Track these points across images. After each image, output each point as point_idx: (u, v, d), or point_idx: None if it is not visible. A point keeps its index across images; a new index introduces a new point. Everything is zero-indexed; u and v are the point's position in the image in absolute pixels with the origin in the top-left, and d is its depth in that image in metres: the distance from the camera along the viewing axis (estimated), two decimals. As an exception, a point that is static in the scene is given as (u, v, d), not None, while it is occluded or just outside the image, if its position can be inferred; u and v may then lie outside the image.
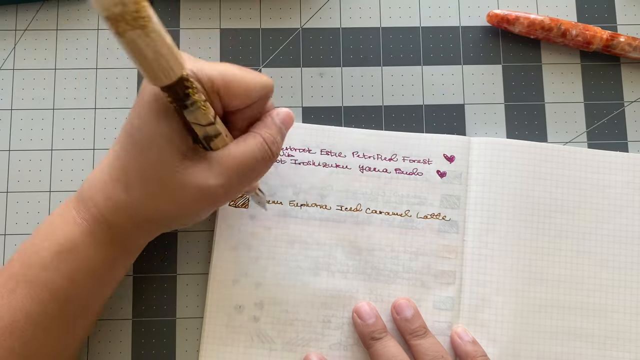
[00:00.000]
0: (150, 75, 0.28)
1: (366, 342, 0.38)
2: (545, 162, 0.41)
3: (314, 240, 0.40)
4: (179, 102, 0.30)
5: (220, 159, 0.32)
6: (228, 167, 0.32)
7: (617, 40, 0.42)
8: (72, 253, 0.33)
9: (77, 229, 0.33)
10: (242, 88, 0.32)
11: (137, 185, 0.32)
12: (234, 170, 0.32)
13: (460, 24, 0.44)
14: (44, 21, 0.43)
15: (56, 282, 0.33)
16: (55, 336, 0.34)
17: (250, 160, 0.33)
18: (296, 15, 0.44)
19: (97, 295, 0.35)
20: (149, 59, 0.27)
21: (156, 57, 0.27)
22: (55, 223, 0.34)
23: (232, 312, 0.39)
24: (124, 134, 0.33)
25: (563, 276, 0.40)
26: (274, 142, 0.34)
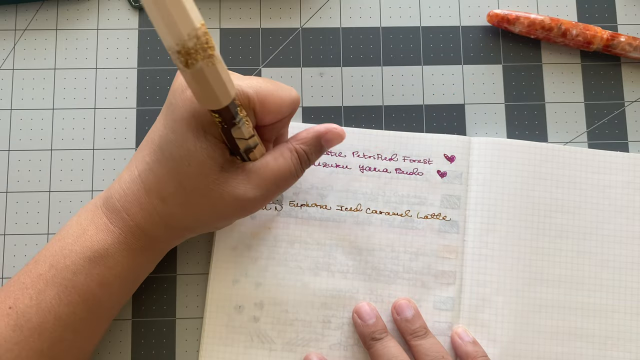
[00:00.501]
0: (212, 100, 0.28)
1: (366, 342, 0.38)
2: (546, 162, 0.41)
3: (314, 240, 0.40)
4: (229, 120, 0.31)
5: (258, 170, 0.34)
6: (266, 178, 0.34)
7: (618, 40, 0.42)
8: (105, 259, 0.33)
9: (110, 236, 0.34)
10: (276, 105, 0.33)
11: (174, 196, 0.33)
12: (272, 182, 0.34)
13: (461, 23, 0.44)
14: (44, 21, 0.43)
15: (87, 286, 0.33)
16: (82, 338, 0.34)
17: (286, 174, 0.34)
18: (296, 15, 0.44)
19: (123, 298, 0.36)
20: (212, 86, 0.27)
21: (218, 83, 0.28)
22: (87, 228, 0.34)
23: (232, 312, 0.39)
24: (155, 147, 0.33)
25: (563, 276, 0.40)
26: (306, 159, 0.35)
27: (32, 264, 0.34)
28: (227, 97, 0.29)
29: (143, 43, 0.43)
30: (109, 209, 0.34)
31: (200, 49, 0.26)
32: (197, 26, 0.25)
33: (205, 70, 0.27)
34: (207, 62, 0.26)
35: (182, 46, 0.25)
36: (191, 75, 0.27)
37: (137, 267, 0.35)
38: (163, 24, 0.25)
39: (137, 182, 0.34)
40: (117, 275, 0.34)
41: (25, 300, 0.33)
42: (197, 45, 0.25)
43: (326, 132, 0.35)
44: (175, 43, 0.25)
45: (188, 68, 0.26)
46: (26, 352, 0.32)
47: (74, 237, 0.34)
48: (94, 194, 0.41)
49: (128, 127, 0.42)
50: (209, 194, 0.33)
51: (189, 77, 0.27)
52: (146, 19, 0.44)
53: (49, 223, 0.41)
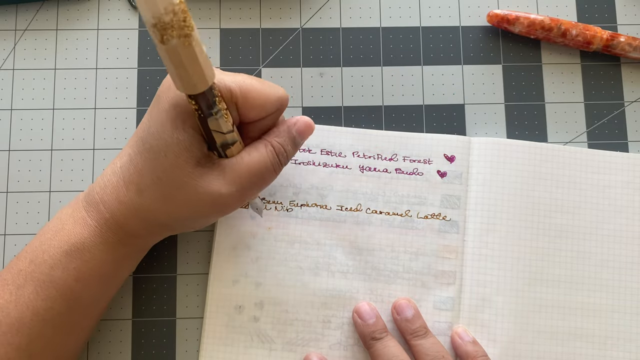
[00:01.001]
0: (186, 83, 0.28)
1: (366, 342, 0.38)
2: (546, 162, 0.41)
3: (314, 240, 0.40)
4: (206, 109, 0.30)
5: (233, 166, 0.33)
6: (241, 175, 0.33)
7: (617, 40, 0.42)
8: (81, 253, 0.33)
9: (87, 229, 0.34)
10: (259, 101, 0.33)
11: (151, 189, 0.33)
12: (246, 179, 0.33)
13: (460, 24, 0.44)
14: (44, 21, 0.43)
15: (64, 281, 0.33)
16: (61, 334, 0.34)
17: (262, 169, 0.34)
18: (296, 15, 0.44)
19: (103, 294, 0.36)
20: (187, 67, 0.27)
21: (194, 65, 0.27)
22: (66, 223, 0.34)
23: (232, 312, 0.39)
24: (138, 139, 0.33)
25: (563, 276, 0.40)
26: (283, 152, 0.35)
27: (14, 260, 0.34)
28: (204, 82, 0.29)
29: (143, 43, 0.43)
30: (88, 202, 0.34)
31: (177, 26, 0.26)
32: (175, 2, 0.25)
33: (179, 49, 0.26)
34: (183, 40, 0.26)
35: (158, 19, 0.25)
36: (166, 51, 0.27)
37: (114, 263, 0.34)
38: None
39: (117, 174, 0.34)
40: (94, 269, 0.34)
41: (5, 295, 0.33)
42: (174, 21, 0.25)
43: (295, 122, 0.35)
44: (152, 16, 0.25)
45: (163, 44, 0.26)
46: (4, 348, 0.32)
47: (53, 231, 0.34)
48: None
49: (128, 127, 0.42)
50: (184, 187, 0.32)
51: (164, 54, 0.27)
52: (146, 19, 0.44)
53: (49, 223, 0.41)
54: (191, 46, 0.27)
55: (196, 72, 0.28)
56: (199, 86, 0.29)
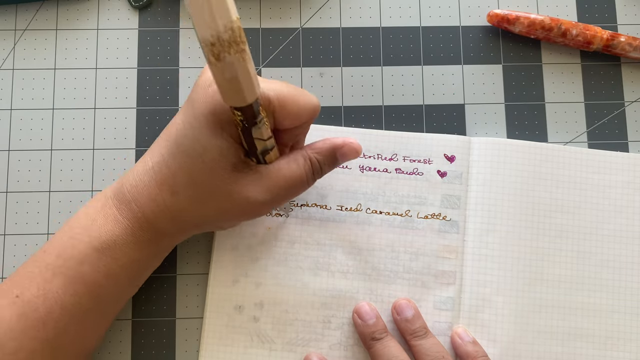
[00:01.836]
0: (237, 96, 0.28)
1: (367, 342, 0.38)
2: (546, 162, 0.41)
3: (314, 240, 0.40)
4: (251, 119, 0.31)
5: (270, 174, 0.34)
6: (277, 184, 0.34)
7: (618, 40, 0.42)
8: (112, 250, 0.33)
9: (118, 227, 0.34)
10: (295, 109, 0.33)
11: (185, 190, 0.33)
12: (282, 187, 0.34)
13: (461, 24, 0.44)
14: (44, 21, 0.43)
15: (93, 277, 0.33)
16: (85, 329, 0.34)
17: (297, 181, 0.34)
18: (296, 15, 0.44)
19: (128, 291, 0.36)
20: (240, 82, 0.27)
21: (246, 79, 0.28)
22: (95, 219, 0.34)
23: (232, 312, 0.39)
24: (171, 141, 0.33)
25: (563, 276, 0.40)
26: (319, 170, 0.35)
27: (40, 254, 0.34)
28: (253, 94, 0.29)
29: (143, 43, 0.43)
30: (119, 200, 0.34)
31: (234, 42, 0.26)
32: (234, 19, 0.25)
33: (235, 65, 0.27)
34: (238, 56, 0.26)
35: (217, 38, 0.25)
36: (221, 68, 0.27)
37: (143, 260, 0.35)
38: (201, 13, 0.24)
39: (149, 174, 0.34)
40: (123, 267, 0.34)
41: (32, 289, 0.33)
42: (231, 38, 0.26)
43: (342, 146, 0.35)
44: (211, 34, 0.25)
45: (219, 61, 0.26)
46: (30, 342, 0.32)
47: (82, 227, 0.34)
48: (94, 194, 0.41)
49: (128, 127, 0.42)
50: (219, 191, 0.33)
51: (218, 71, 0.27)
52: (146, 19, 0.44)
53: (49, 223, 0.41)
54: (245, 61, 0.27)
55: (247, 86, 0.28)
56: (248, 99, 0.29)
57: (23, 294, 0.33)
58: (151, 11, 0.44)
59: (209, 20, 0.25)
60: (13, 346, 0.32)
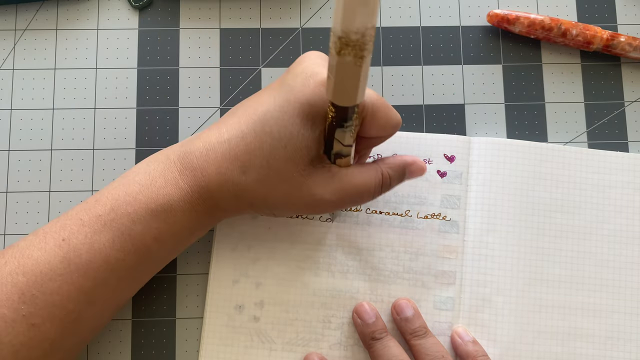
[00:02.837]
0: (340, 94, 0.29)
1: (366, 342, 0.38)
2: (546, 162, 0.41)
3: (314, 240, 0.40)
4: (341, 121, 0.31)
5: (342, 177, 0.34)
6: (346, 189, 0.34)
7: (618, 40, 0.42)
8: (166, 214, 0.33)
9: (178, 192, 0.33)
10: (383, 121, 0.34)
11: (256, 171, 0.33)
12: (349, 194, 0.34)
13: (460, 24, 0.44)
14: (44, 21, 0.43)
15: (143, 238, 0.33)
16: (122, 286, 0.34)
17: (364, 191, 0.35)
18: (296, 15, 0.44)
19: (169, 258, 0.36)
20: (348, 83, 0.28)
21: (355, 83, 0.28)
22: (155, 179, 0.34)
23: (232, 312, 0.39)
24: (256, 119, 0.33)
25: (563, 276, 0.40)
26: (388, 184, 0.36)
27: (92, 202, 0.34)
28: (353, 100, 0.29)
29: (143, 43, 0.43)
30: (184, 165, 0.34)
31: (358, 47, 0.26)
32: (369, 26, 0.25)
33: (349, 67, 0.27)
34: (356, 60, 0.27)
35: (346, 35, 0.25)
36: (337, 64, 0.27)
37: (192, 229, 0.35)
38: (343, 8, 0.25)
39: (223, 146, 0.33)
40: (174, 233, 0.34)
41: (79, 236, 0.33)
42: (358, 42, 0.26)
43: (412, 163, 0.36)
44: (342, 29, 0.25)
45: (338, 56, 0.27)
46: (68, 287, 0.32)
47: (140, 185, 0.34)
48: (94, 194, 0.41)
49: (128, 127, 0.42)
50: (291, 180, 0.33)
51: (334, 65, 0.27)
52: (146, 19, 0.44)
53: (49, 223, 0.41)
54: (360, 67, 0.27)
55: (353, 90, 0.28)
56: (349, 102, 0.29)
57: (70, 239, 0.33)
58: (151, 11, 0.44)
59: (349, 15, 0.25)
60: (51, 287, 0.32)
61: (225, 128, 0.34)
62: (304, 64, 0.34)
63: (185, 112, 0.42)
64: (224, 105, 0.43)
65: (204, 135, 0.35)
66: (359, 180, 0.34)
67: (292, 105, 0.32)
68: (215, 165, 0.33)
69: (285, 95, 0.33)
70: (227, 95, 0.43)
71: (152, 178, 0.34)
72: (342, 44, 0.26)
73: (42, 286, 0.32)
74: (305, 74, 0.33)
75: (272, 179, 0.33)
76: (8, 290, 0.31)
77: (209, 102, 0.43)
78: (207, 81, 0.43)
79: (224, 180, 0.33)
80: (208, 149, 0.34)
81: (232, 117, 0.35)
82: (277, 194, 0.34)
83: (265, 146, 0.33)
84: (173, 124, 0.42)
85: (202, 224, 0.35)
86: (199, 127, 0.42)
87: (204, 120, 0.42)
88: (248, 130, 0.33)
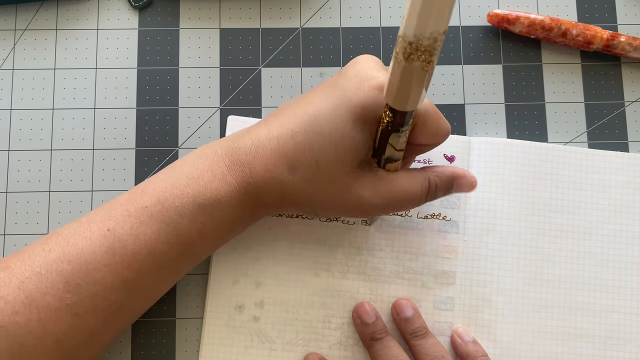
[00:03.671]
0: (401, 99, 0.29)
1: (366, 342, 0.38)
2: (545, 162, 0.41)
3: (314, 240, 0.40)
4: (397, 125, 0.31)
5: (390, 182, 0.34)
6: (393, 193, 0.34)
7: (618, 40, 0.42)
8: (213, 208, 0.33)
9: (225, 187, 0.33)
10: (434, 129, 0.34)
11: (304, 170, 0.33)
12: (395, 199, 0.34)
13: (460, 24, 0.44)
14: (44, 21, 0.43)
15: (188, 232, 0.33)
16: (163, 278, 0.34)
17: (410, 198, 0.34)
18: (296, 15, 0.44)
19: (209, 252, 0.36)
20: (412, 88, 0.28)
21: (418, 88, 0.28)
22: (203, 173, 0.34)
23: (232, 312, 0.39)
24: (306, 118, 0.33)
25: (563, 276, 0.40)
26: (434, 194, 0.35)
27: (137, 193, 0.34)
28: (415, 104, 0.29)
29: (143, 43, 0.43)
30: (231, 160, 0.34)
31: (428, 52, 0.26)
32: (442, 31, 0.25)
33: (416, 72, 0.27)
34: (424, 65, 0.26)
35: (417, 40, 0.25)
36: (403, 68, 0.27)
37: (236, 224, 0.35)
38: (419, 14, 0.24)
39: (272, 143, 0.33)
40: (219, 227, 0.34)
41: (125, 227, 0.33)
42: (430, 47, 0.26)
43: (463, 177, 0.36)
44: (414, 34, 0.25)
45: (405, 61, 0.26)
46: (112, 277, 0.32)
47: (188, 178, 0.34)
48: (94, 194, 0.41)
49: (128, 127, 0.42)
50: (339, 182, 0.33)
51: (398, 69, 0.27)
52: (146, 19, 0.44)
53: (49, 223, 0.41)
54: (427, 72, 0.27)
55: (415, 95, 0.28)
56: (409, 106, 0.29)
57: (115, 229, 0.32)
58: (151, 11, 0.44)
59: (423, 21, 0.25)
60: (95, 277, 0.32)
61: (274, 126, 0.34)
62: (358, 66, 0.34)
63: (185, 112, 0.42)
64: (224, 105, 0.43)
65: (252, 132, 0.35)
66: (406, 186, 0.34)
67: (345, 107, 0.32)
68: (263, 162, 0.33)
69: (338, 96, 0.33)
70: (227, 95, 0.43)
71: (200, 172, 0.34)
72: (412, 49, 0.26)
73: (86, 276, 0.31)
74: (360, 77, 0.33)
75: (319, 179, 0.33)
76: (53, 279, 0.31)
77: (209, 102, 0.43)
78: (207, 81, 0.43)
79: (270, 177, 0.33)
80: (257, 145, 0.34)
81: (281, 116, 0.34)
82: (323, 195, 0.34)
83: (315, 146, 0.33)
84: (173, 124, 0.42)
85: (245, 220, 0.35)
86: (199, 127, 0.42)
87: (204, 120, 0.42)
88: (298, 129, 0.33)
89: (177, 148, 0.42)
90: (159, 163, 0.42)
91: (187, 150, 0.42)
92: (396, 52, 0.27)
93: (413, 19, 0.25)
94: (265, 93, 0.43)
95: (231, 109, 0.43)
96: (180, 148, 0.42)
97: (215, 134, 0.42)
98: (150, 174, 0.41)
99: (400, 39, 0.26)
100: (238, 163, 0.34)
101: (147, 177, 0.41)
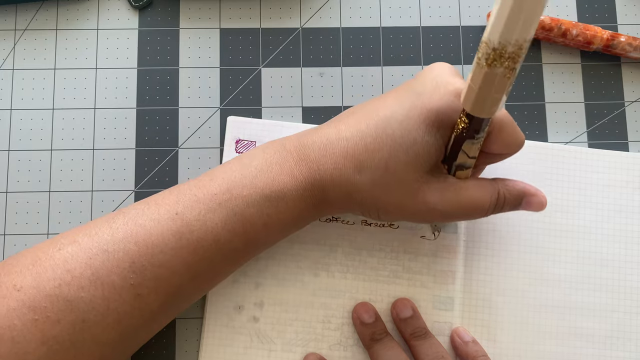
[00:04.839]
0: (480, 105, 0.29)
1: (366, 342, 0.38)
2: (546, 162, 0.41)
3: (313, 240, 0.40)
4: (473, 132, 0.31)
5: (458, 190, 0.34)
6: (460, 201, 0.34)
7: (618, 40, 0.42)
8: (279, 201, 0.33)
9: (292, 181, 0.34)
10: (508, 139, 0.33)
11: (372, 171, 0.33)
12: (462, 208, 0.34)
13: (461, 24, 0.44)
14: (44, 21, 0.43)
15: (254, 222, 0.33)
16: (223, 265, 0.34)
17: (477, 207, 0.34)
18: (296, 15, 0.44)
19: (268, 246, 0.36)
20: (492, 94, 0.28)
21: (498, 95, 0.28)
22: (272, 165, 0.34)
23: (232, 312, 0.39)
24: (377, 120, 0.33)
25: (563, 276, 0.40)
26: (501, 207, 0.35)
27: (206, 180, 0.34)
28: (492, 111, 0.29)
29: (143, 43, 0.43)
30: (300, 156, 0.34)
31: (512, 59, 0.26)
32: (527, 39, 0.25)
33: (499, 79, 0.27)
34: (506, 72, 0.26)
35: (502, 47, 0.25)
36: (485, 74, 0.27)
37: (298, 220, 0.35)
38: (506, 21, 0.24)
39: (341, 142, 0.34)
40: (282, 220, 0.34)
41: (193, 212, 0.33)
42: (514, 54, 0.25)
43: (534, 195, 0.35)
44: (499, 41, 0.25)
45: (488, 67, 0.26)
46: (176, 260, 0.32)
47: (257, 170, 0.34)
48: (94, 194, 0.41)
49: (128, 127, 0.42)
50: (407, 186, 0.33)
51: (480, 75, 0.27)
52: (146, 19, 0.44)
53: (49, 223, 0.41)
54: (509, 79, 0.27)
55: (495, 101, 0.28)
56: (487, 113, 0.29)
57: (183, 213, 0.33)
58: (151, 11, 0.44)
59: (510, 28, 0.24)
60: (161, 259, 0.32)
61: (344, 126, 0.34)
62: (435, 72, 0.34)
63: (185, 112, 0.42)
64: (224, 105, 0.43)
65: (322, 131, 0.35)
66: (475, 195, 0.34)
67: (419, 111, 0.32)
68: (331, 160, 0.33)
69: (412, 100, 0.33)
70: (227, 95, 0.43)
71: (268, 164, 0.34)
72: (495, 55, 0.26)
73: (152, 257, 0.32)
74: (436, 82, 0.33)
75: (387, 181, 0.33)
76: (120, 258, 0.31)
77: (209, 102, 0.43)
78: (207, 81, 0.43)
79: (338, 176, 0.33)
80: (326, 144, 0.34)
81: (352, 117, 0.35)
82: (390, 198, 0.33)
83: (385, 148, 0.33)
84: (173, 124, 0.42)
85: (307, 216, 0.35)
86: (199, 127, 0.42)
87: (204, 120, 0.42)
88: (368, 130, 0.33)
89: (177, 148, 0.42)
90: (159, 163, 0.42)
91: (187, 150, 0.42)
92: (478, 57, 0.26)
93: (499, 24, 0.24)
94: (265, 93, 0.43)
95: (231, 109, 0.43)
96: (180, 148, 0.42)
97: (215, 134, 0.42)
98: (150, 174, 0.42)
99: (484, 45, 0.26)
100: (306, 159, 0.34)
101: (147, 177, 0.41)
